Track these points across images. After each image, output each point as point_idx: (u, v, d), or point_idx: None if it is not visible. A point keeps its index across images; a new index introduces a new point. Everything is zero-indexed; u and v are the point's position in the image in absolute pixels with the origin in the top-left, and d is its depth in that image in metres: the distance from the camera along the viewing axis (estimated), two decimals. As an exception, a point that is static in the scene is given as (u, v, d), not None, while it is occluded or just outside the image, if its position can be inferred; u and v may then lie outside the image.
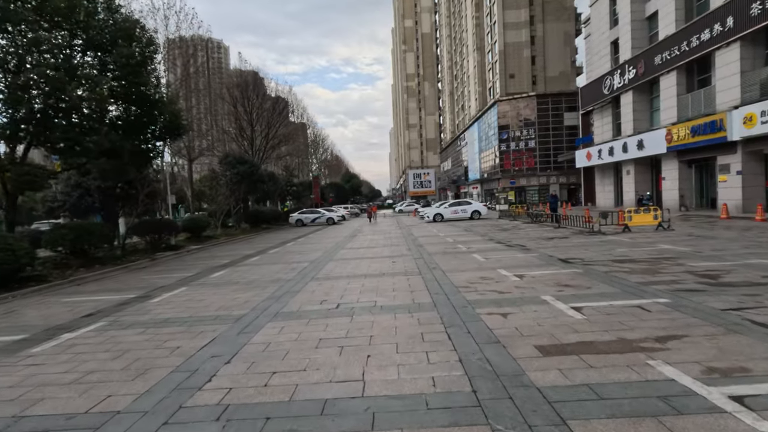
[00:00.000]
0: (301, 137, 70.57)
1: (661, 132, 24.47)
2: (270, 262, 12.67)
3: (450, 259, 10.86)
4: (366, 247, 15.55)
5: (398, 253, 12.88)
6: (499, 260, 10.22)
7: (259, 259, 13.61)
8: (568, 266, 8.79)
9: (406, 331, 5.08)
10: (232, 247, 19.38)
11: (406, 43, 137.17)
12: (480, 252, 11.94)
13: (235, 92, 33.15)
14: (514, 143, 54.56)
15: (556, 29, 60.28)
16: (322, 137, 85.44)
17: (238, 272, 11.03)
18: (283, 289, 8.28)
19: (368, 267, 10.47)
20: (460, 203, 31.32)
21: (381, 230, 24.34)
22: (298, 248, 16.61)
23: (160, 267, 13.45)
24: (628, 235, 14.06)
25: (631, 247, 11.20)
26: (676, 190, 24.43)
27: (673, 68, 23.86)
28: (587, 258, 9.70)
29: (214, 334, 5.46)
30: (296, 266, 11.37)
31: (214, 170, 29.36)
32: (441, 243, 15.18)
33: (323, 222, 35.10)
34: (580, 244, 12.36)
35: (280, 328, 5.54)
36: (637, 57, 26.90)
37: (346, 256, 12.94)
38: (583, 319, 5.09)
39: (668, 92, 24.59)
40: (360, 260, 11.86)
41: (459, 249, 13.01)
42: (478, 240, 15.43)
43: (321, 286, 8.29)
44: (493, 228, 20.73)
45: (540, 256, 10.39)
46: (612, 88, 30.10)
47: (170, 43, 28.10)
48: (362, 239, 18.98)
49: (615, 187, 32.82)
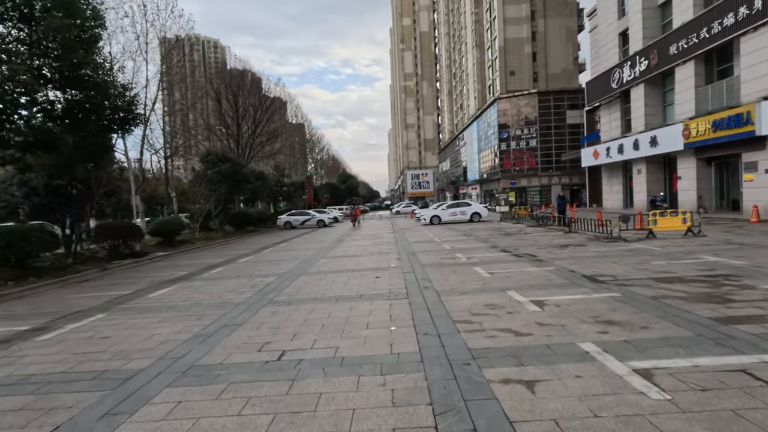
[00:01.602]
0: (296, 136, 68.57)
1: (677, 127, 22.48)
2: (232, 275, 10.62)
3: (447, 274, 8.81)
4: (350, 255, 13.50)
5: (385, 265, 10.83)
6: (507, 276, 8.18)
7: (221, 271, 11.54)
8: (599, 287, 6.76)
9: (369, 421, 3.04)
10: (203, 254, 17.31)
11: (404, 42, 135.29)
12: (483, 264, 9.90)
13: (219, 86, 31.07)
14: (515, 142, 52.58)
15: (557, 25, 58.39)
16: (317, 136, 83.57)
17: (185, 290, 8.97)
18: (224, 319, 6.23)
19: (345, 284, 8.42)
20: (458, 204, 29.25)
21: (372, 234, 22.30)
22: (274, 256, 14.55)
23: (103, 281, 11.37)
24: (654, 242, 12.04)
25: (668, 259, 9.17)
26: (694, 191, 22.43)
27: (691, 58, 21.89)
28: (620, 275, 7.66)
29: (67, 414, 3.41)
30: (259, 282, 9.32)
31: (194, 168, 27.23)
32: (437, 251, 13.14)
33: (313, 224, 33.02)
34: (602, 255, 10.33)
35: (174, 405, 3.48)
36: (650, 47, 24.93)
37: (323, 268, 10.89)
38: (666, 401, 3.04)
39: (685, 84, 22.61)
40: (338, 274, 9.82)
41: (457, 259, 10.98)
42: (479, 247, 13.39)
43: (274, 317, 6.23)
44: (496, 232, 18.70)
45: (558, 271, 8.36)
46: (621, 82, 28.13)
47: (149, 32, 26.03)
48: (349, 245, 16.93)
49: (624, 188, 30.84)
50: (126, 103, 12.92)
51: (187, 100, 31.90)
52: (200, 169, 27.28)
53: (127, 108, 13.16)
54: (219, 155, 26.99)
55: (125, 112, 13.18)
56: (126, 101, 12.88)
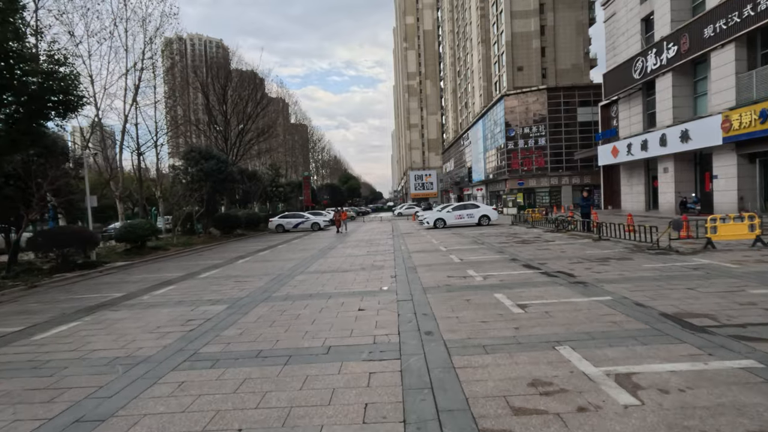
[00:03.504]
0: (295, 135, 66.26)
1: (714, 120, 19.82)
2: (174, 300, 8.11)
3: (458, 306, 6.27)
4: (335, 270, 10.97)
5: (375, 286, 8.30)
6: (547, 313, 5.62)
7: (166, 293, 9.03)
8: (707, 344, 4.19)
9: None
10: (167, 265, 14.85)
11: (408, 40, 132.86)
12: (506, 288, 7.34)
13: (206, 78, 28.67)
14: (523, 141, 49.88)
15: (568, 18, 55.75)
16: (317, 136, 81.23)
17: (86, 330, 6.47)
18: (88, 405, 3.72)
19: (313, 323, 5.90)
20: (465, 206, 26.63)
21: (368, 240, 19.76)
22: (245, 269, 12.06)
23: (7, 308, 8.90)
24: (718, 256, 9.44)
25: (765, 283, 6.58)
26: (734, 191, 19.74)
27: (730, 40, 19.24)
28: (720, 314, 5.09)
29: None
30: (199, 315, 6.82)
31: (173, 167, 24.82)
32: (443, 265, 10.59)
33: (307, 227, 30.53)
34: (663, 275, 7.75)
35: None
36: (679, 31, 22.28)
37: (294, 290, 8.37)
38: None
39: (723, 70, 19.94)
40: (311, 300, 7.30)
41: (470, 279, 8.43)
42: (496, 260, 10.83)
43: (171, 402, 3.71)
44: (510, 239, 16.11)
45: (619, 305, 5.79)
46: (645, 72, 25.47)
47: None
48: (338, 254, 14.41)
49: (646, 188, 28.16)
50: (60, 84, 10.44)
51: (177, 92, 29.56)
52: (182, 167, 24.88)
53: (63, 89, 10.69)
54: (202, 152, 24.59)
55: (62, 93, 10.71)
56: (60, 80, 10.41)
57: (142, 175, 21.10)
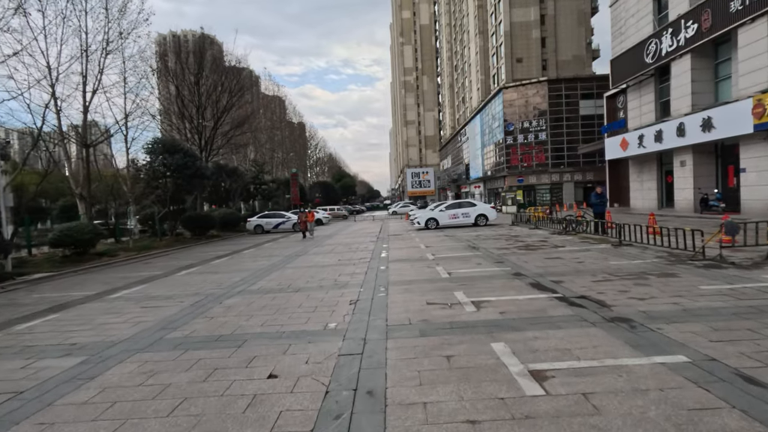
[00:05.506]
0: (285, 131, 63.63)
1: (743, 105, 17.34)
2: (23, 345, 5.58)
3: (430, 376, 3.74)
4: (282, 288, 8.42)
5: (319, 323, 5.75)
6: (586, 397, 3.10)
7: (33, 327, 6.47)
8: None
9: None
10: (95, 276, 12.28)
11: (404, 35, 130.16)
12: (510, 329, 4.82)
13: (172, 63, 26.05)
14: (522, 135, 47.35)
15: (569, 7, 53.17)
16: (310, 133, 78.56)
17: None
18: None
19: (189, 423, 3.37)
20: (460, 205, 24.05)
21: (346, 244, 17.22)
22: (176, 284, 9.50)
23: None
24: (797, 271, 6.94)
25: None
26: (766, 186, 17.28)
27: (762, 13, 16.76)
28: None
29: None
30: (32, 374, 4.28)
31: (134, 162, 22.22)
32: (425, 282, 8.05)
33: (288, 228, 27.97)
34: (743, 303, 5.23)
35: None
36: (700, 6, 19.79)
37: (194, 335, 5.82)
38: None
39: (754, 48, 17.43)
40: (206, 354, 4.77)
41: (458, 309, 5.89)
42: (494, 275, 8.29)
43: None
44: (512, 243, 13.59)
45: (711, 374, 3.28)
46: (659, 55, 22.96)
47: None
48: (302, 263, 11.86)
49: (658, 184, 25.71)
50: None
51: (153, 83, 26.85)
52: (144, 161, 22.29)
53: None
54: (166, 144, 21.99)
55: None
56: None
57: (90, 170, 18.45)
